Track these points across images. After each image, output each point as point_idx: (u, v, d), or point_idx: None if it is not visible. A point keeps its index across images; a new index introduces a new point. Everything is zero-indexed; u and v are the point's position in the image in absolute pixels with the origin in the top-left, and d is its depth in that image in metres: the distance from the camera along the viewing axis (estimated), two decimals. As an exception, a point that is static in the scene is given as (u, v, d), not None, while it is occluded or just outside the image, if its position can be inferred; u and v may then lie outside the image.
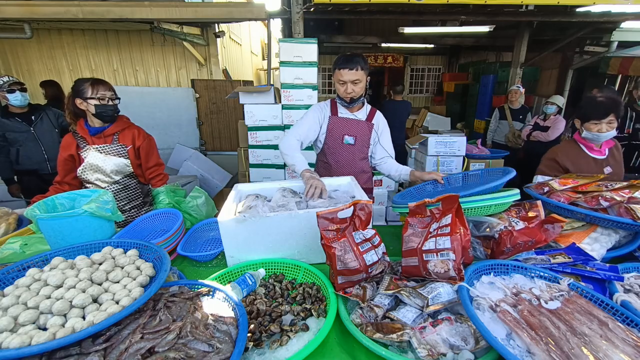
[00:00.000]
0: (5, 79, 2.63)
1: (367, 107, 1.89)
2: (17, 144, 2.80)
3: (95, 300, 0.88)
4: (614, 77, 5.65)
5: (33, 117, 2.82)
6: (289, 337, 0.86)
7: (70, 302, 0.83)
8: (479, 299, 0.86)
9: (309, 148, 1.96)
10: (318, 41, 3.08)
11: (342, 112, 1.86)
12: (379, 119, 1.89)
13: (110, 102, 1.69)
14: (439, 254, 0.93)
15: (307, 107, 3.16)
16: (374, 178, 3.53)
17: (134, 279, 0.96)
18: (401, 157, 4.67)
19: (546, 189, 1.42)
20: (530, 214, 1.25)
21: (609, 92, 1.80)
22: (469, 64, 8.82)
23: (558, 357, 0.67)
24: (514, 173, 1.32)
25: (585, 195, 1.31)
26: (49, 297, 0.85)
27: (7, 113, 2.75)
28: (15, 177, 2.96)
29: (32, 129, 2.80)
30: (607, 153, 1.84)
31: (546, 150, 4.39)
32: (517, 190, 1.29)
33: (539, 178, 1.89)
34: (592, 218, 1.23)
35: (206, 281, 1.00)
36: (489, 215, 1.24)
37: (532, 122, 4.20)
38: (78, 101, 1.66)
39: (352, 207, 1.08)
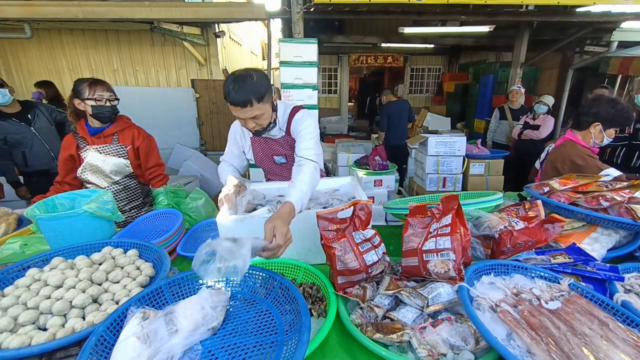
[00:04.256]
0: None
1: (285, 116, 1.49)
2: (21, 146, 2.71)
3: (95, 301, 0.88)
4: (614, 77, 5.64)
5: (29, 116, 2.73)
6: (289, 337, 0.86)
7: (70, 302, 0.83)
8: (479, 299, 0.86)
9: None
10: (318, 41, 3.08)
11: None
12: (296, 125, 1.46)
13: (108, 104, 1.67)
14: (439, 254, 0.93)
15: (308, 107, 3.16)
16: (374, 178, 3.53)
17: (134, 279, 0.97)
18: (402, 157, 4.68)
19: (546, 189, 1.42)
20: (530, 214, 1.25)
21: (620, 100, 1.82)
22: (469, 64, 8.82)
23: (558, 358, 0.67)
24: None
25: (585, 195, 1.30)
26: (48, 298, 0.85)
27: (2, 114, 2.64)
28: (23, 178, 2.90)
29: (32, 128, 2.73)
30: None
31: (537, 149, 4.42)
32: (501, 194, 1.33)
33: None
34: (593, 218, 1.23)
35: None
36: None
37: (521, 122, 4.24)
38: (76, 102, 1.65)
39: (352, 207, 1.08)
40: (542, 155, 2.08)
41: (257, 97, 1.23)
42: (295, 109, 1.51)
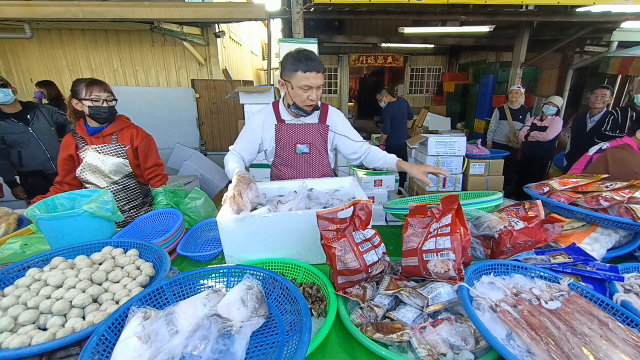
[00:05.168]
0: None
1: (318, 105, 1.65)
2: (17, 146, 2.73)
3: (95, 300, 0.88)
4: (614, 77, 5.65)
5: (29, 117, 2.74)
6: (289, 337, 0.86)
7: (70, 302, 0.83)
8: (479, 299, 0.86)
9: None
10: (318, 41, 3.08)
11: (288, 118, 1.63)
12: (333, 116, 1.66)
13: (105, 104, 1.67)
14: (439, 254, 0.93)
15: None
16: (374, 178, 3.53)
17: (134, 279, 0.97)
18: (403, 157, 4.66)
19: (546, 189, 1.43)
20: (530, 214, 1.25)
21: None
22: (469, 64, 8.83)
23: (558, 357, 0.67)
24: None
25: (585, 195, 1.31)
26: (49, 297, 0.85)
27: (2, 114, 2.66)
28: (20, 178, 2.91)
29: (30, 129, 2.74)
30: None
31: (544, 150, 4.38)
32: (500, 194, 1.33)
33: None
34: (592, 218, 1.23)
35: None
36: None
37: (528, 123, 4.21)
38: (74, 102, 1.65)
39: (352, 207, 1.08)
40: (595, 148, 2.06)
41: (322, 67, 1.45)
42: (325, 103, 1.69)
